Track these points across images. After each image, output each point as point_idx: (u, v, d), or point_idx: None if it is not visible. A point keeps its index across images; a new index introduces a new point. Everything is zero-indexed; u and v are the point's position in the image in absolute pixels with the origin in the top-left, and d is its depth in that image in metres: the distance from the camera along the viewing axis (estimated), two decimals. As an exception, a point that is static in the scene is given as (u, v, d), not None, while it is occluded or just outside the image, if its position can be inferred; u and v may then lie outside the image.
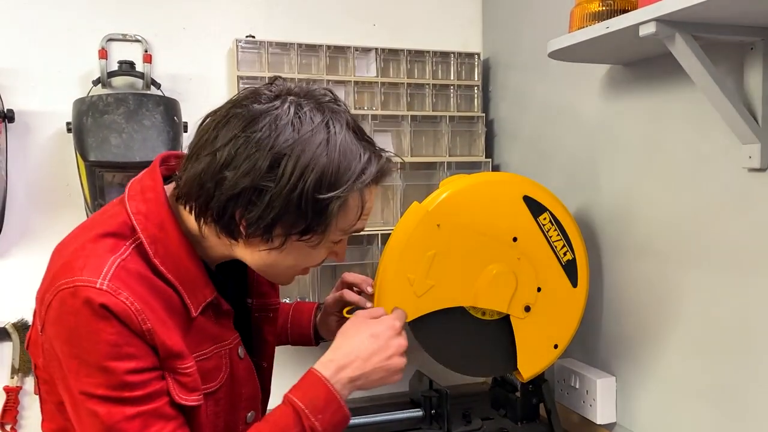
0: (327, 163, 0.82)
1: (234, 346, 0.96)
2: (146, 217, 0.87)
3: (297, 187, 0.81)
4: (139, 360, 0.81)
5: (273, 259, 0.89)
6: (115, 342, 0.79)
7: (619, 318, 1.38)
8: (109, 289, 0.79)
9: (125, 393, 0.80)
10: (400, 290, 1.18)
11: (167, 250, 0.86)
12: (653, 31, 0.96)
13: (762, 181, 1.05)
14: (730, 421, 1.12)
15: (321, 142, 0.83)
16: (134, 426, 0.81)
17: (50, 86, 1.54)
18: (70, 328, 0.79)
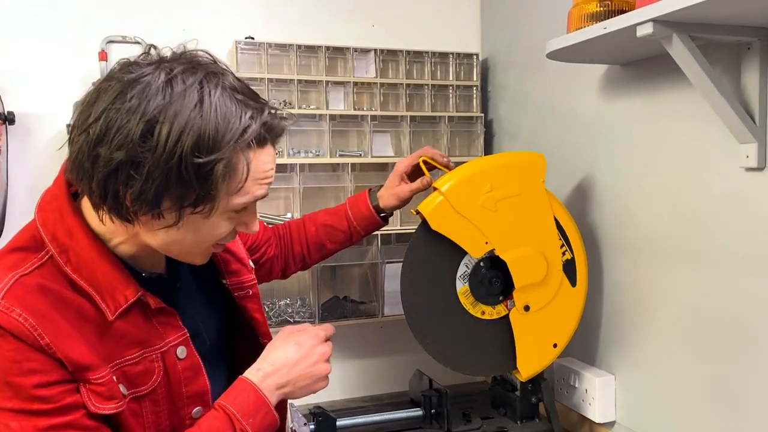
0: (202, 124, 0.77)
1: (169, 348, 0.93)
2: (54, 227, 0.85)
3: (174, 154, 0.76)
4: (43, 374, 0.80)
5: (174, 237, 0.85)
6: (14, 358, 0.78)
7: (618, 317, 1.39)
8: (1, 307, 0.78)
9: (35, 405, 0.79)
10: (471, 191, 1.25)
11: (79, 257, 0.84)
12: (650, 31, 0.97)
13: (759, 180, 1.05)
14: (729, 419, 1.13)
15: (195, 104, 0.78)
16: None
17: (50, 88, 1.54)
18: None
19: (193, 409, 0.97)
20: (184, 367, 0.94)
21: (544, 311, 1.32)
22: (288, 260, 1.37)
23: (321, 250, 1.37)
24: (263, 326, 1.10)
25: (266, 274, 1.34)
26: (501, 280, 1.32)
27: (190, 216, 0.82)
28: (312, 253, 1.37)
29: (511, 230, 1.28)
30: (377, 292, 1.68)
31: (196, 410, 0.97)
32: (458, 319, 1.32)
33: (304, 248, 1.37)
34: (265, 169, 0.86)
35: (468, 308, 1.33)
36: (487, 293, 1.32)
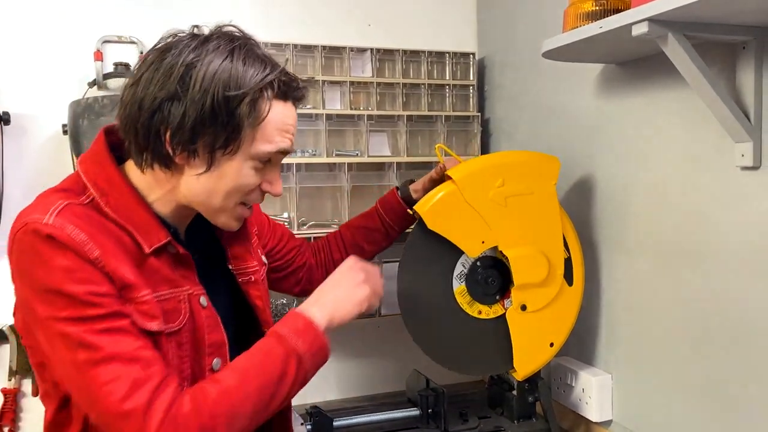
0: (231, 68, 0.91)
1: (194, 293, 0.98)
2: (95, 176, 0.93)
3: (207, 92, 0.88)
4: (95, 285, 0.85)
5: (205, 185, 0.94)
6: (67, 267, 0.84)
7: (615, 316, 1.39)
8: (54, 223, 0.85)
9: (89, 311, 0.84)
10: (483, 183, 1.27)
11: (118, 201, 0.92)
12: (646, 30, 0.97)
13: (754, 179, 1.05)
14: (726, 419, 1.13)
15: (226, 56, 0.91)
16: (104, 340, 0.85)
17: (46, 88, 1.54)
18: (28, 262, 0.86)
19: (213, 359, 1.00)
20: (206, 315, 0.99)
21: (540, 310, 1.32)
22: (328, 268, 1.38)
23: (360, 254, 1.35)
24: (263, 314, 1.13)
25: (304, 283, 1.37)
26: (498, 279, 1.32)
27: (221, 159, 0.92)
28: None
29: (516, 228, 1.28)
30: (374, 292, 1.68)
31: (215, 361, 1.00)
32: (455, 319, 1.32)
33: (343, 254, 1.38)
34: (287, 122, 0.96)
35: (465, 307, 1.33)
36: (484, 292, 1.32)
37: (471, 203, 1.26)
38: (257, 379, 0.91)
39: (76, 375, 0.85)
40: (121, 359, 0.85)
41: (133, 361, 0.85)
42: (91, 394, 0.85)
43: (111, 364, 0.84)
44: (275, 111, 0.94)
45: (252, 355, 0.94)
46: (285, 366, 0.93)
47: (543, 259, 1.29)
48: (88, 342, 0.84)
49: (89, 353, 0.84)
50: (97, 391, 0.84)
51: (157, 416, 0.83)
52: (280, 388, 0.93)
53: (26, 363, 1.52)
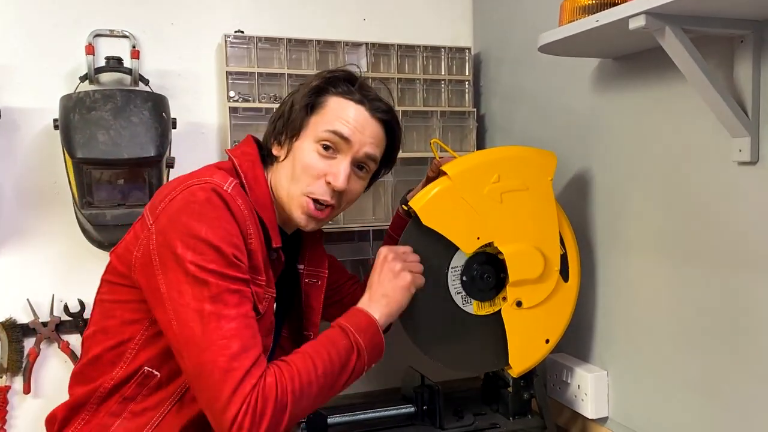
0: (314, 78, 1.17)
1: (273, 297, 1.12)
2: (246, 170, 1.11)
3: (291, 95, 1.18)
4: (241, 253, 1.00)
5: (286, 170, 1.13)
6: (228, 230, 0.99)
7: (611, 312, 1.38)
8: (232, 193, 1.02)
9: (231, 271, 0.98)
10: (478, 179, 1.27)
11: (258, 198, 1.09)
12: (643, 24, 0.96)
13: (752, 175, 1.05)
14: (722, 415, 1.12)
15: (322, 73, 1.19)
16: (234, 299, 0.97)
17: (37, 83, 1.52)
18: (196, 212, 0.99)
19: None
20: (271, 321, 1.13)
21: (536, 307, 1.31)
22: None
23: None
24: (316, 316, 1.26)
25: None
26: (493, 275, 1.31)
27: (294, 145, 1.13)
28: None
29: (512, 224, 1.27)
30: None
31: None
32: (450, 315, 1.31)
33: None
34: (348, 114, 1.14)
35: (460, 304, 1.32)
36: (479, 289, 1.32)
37: (466, 199, 1.25)
38: (324, 366, 1.01)
39: (197, 322, 0.94)
40: (242, 322, 0.96)
41: (249, 327, 0.97)
42: (205, 341, 0.94)
43: (232, 322, 0.95)
44: (336, 102, 1.14)
45: (321, 344, 1.04)
46: (348, 357, 1.04)
47: (539, 255, 1.29)
48: (221, 297, 0.96)
49: (218, 307, 0.95)
50: (214, 342, 0.93)
51: (251, 381, 0.93)
52: (340, 377, 1.04)
53: (18, 361, 1.51)
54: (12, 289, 1.52)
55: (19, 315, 1.52)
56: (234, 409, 0.92)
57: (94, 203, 1.41)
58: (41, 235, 1.54)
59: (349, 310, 1.12)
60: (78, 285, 1.54)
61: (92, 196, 1.41)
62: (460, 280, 1.31)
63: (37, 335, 1.52)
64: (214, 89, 1.66)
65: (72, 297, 1.55)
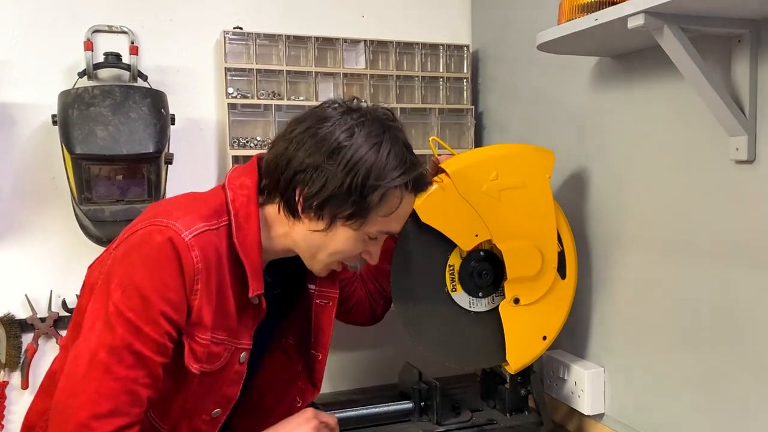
0: (377, 159, 0.99)
1: (240, 348, 1.06)
2: (240, 206, 1.03)
3: (350, 173, 0.98)
4: (174, 310, 0.93)
5: (320, 240, 1.04)
6: (167, 283, 0.93)
7: (608, 309, 1.39)
8: (189, 243, 0.94)
9: (148, 328, 0.92)
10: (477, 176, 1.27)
11: (245, 240, 1.02)
12: (642, 23, 0.96)
13: (749, 173, 1.05)
14: (718, 411, 1.13)
15: (375, 144, 1.00)
16: (130, 360, 0.91)
17: (35, 78, 1.52)
18: (144, 254, 0.94)
19: (216, 409, 1.07)
20: (236, 371, 1.07)
21: (533, 304, 1.31)
22: (370, 299, 1.42)
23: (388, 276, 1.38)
24: (325, 338, 1.22)
25: (354, 315, 1.42)
26: (491, 272, 1.32)
27: (340, 227, 1.03)
28: (383, 284, 1.40)
29: (510, 221, 1.28)
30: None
31: (215, 411, 1.07)
32: (448, 312, 1.32)
33: (375, 283, 1.42)
34: (406, 212, 1.08)
35: (458, 300, 1.32)
36: (477, 286, 1.32)
37: (464, 196, 1.25)
38: None
39: (86, 363, 0.90)
40: (126, 386, 0.90)
41: (130, 393, 0.91)
42: (80, 386, 0.89)
43: (114, 383, 0.90)
44: (400, 203, 1.04)
45: None
46: None
47: (536, 252, 1.29)
48: (119, 351, 0.90)
49: (111, 360, 0.90)
50: (86, 392, 0.89)
51: None
52: None
53: (16, 356, 1.51)
54: (10, 284, 1.52)
55: (17, 310, 1.52)
56: None
57: (93, 199, 1.41)
58: (40, 231, 1.54)
59: None
60: (76, 281, 1.51)
61: (91, 192, 1.41)
62: (458, 277, 1.31)
63: (35, 331, 1.52)
64: (212, 85, 1.66)
65: (70, 293, 1.54)
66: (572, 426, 1.47)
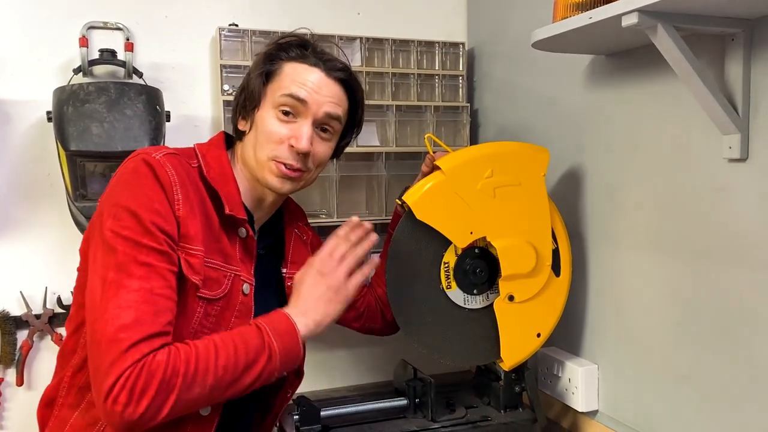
0: (267, 47, 1.16)
1: (241, 277, 1.08)
2: (207, 152, 1.12)
3: (251, 68, 1.15)
4: (163, 219, 0.97)
5: (251, 141, 1.12)
6: (149, 196, 0.97)
7: (602, 307, 1.40)
8: (160, 159, 1.00)
9: (146, 239, 0.95)
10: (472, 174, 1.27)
11: (218, 173, 1.09)
12: (635, 21, 0.97)
13: (742, 172, 1.06)
14: (711, 407, 1.14)
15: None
16: (141, 271, 0.94)
17: (30, 74, 1.52)
18: (123, 180, 0.99)
19: None
20: (241, 302, 1.08)
21: (528, 301, 1.32)
22: (380, 304, 1.43)
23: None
24: None
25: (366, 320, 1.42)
26: (486, 270, 1.32)
27: (256, 116, 1.12)
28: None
29: (505, 218, 1.28)
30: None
31: None
32: (443, 309, 1.32)
33: (383, 286, 1.39)
34: (303, 77, 1.12)
35: (453, 297, 1.33)
36: (472, 283, 1.33)
37: (460, 194, 1.26)
38: (227, 358, 0.96)
39: (99, 289, 0.93)
40: (143, 296, 0.92)
41: (149, 303, 0.93)
42: (101, 309, 0.92)
43: (132, 294, 0.92)
44: (291, 67, 1.12)
45: (231, 336, 0.99)
46: (256, 356, 0.98)
47: (531, 249, 1.30)
48: (126, 267, 0.93)
49: (121, 276, 0.93)
50: (107, 311, 0.91)
51: (135, 355, 0.89)
52: (245, 376, 0.97)
53: (11, 353, 1.51)
54: (5, 281, 1.52)
55: (12, 307, 1.52)
56: (110, 380, 0.87)
57: (88, 196, 1.41)
58: (34, 228, 1.54)
59: (273, 311, 1.06)
60: (71, 277, 1.49)
61: (86, 188, 1.41)
62: (453, 274, 1.32)
63: (30, 328, 1.52)
64: (208, 82, 1.66)
65: (65, 289, 1.55)
66: (566, 423, 1.48)
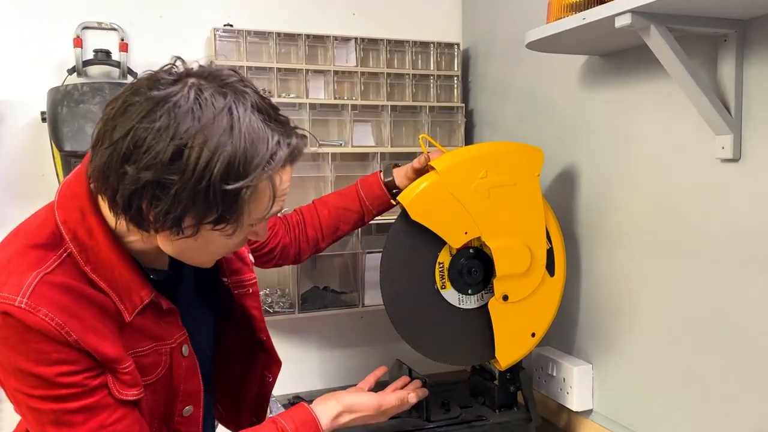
0: (233, 151, 0.77)
1: (177, 344, 0.96)
2: (75, 226, 0.85)
3: (203, 178, 0.77)
4: (70, 365, 0.82)
5: (188, 246, 0.86)
6: (40, 350, 0.80)
7: (596, 306, 1.40)
8: (28, 307, 0.79)
9: (62, 391, 0.82)
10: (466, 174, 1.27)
11: (98, 258, 0.85)
12: (629, 22, 0.97)
13: (734, 172, 1.06)
14: (705, 408, 1.14)
15: (225, 129, 0.77)
16: (79, 417, 0.83)
17: (25, 75, 1.52)
18: (1, 338, 0.81)
19: (185, 407, 1.00)
20: (185, 365, 0.98)
21: (522, 300, 1.32)
22: (302, 245, 1.37)
23: (335, 233, 1.39)
24: (260, 322, 1.14)
25: (277, 259, 1.35)
26: (480, 270, 1.33)
27: (209, 231, 0.83)
28: (326, 236, 1.38)
29: (499, 219, 1.29)
30: (357, 282, 1.68)
31: (186, 408, 1.00)
32: (438, 309, 1.32)
33: (318, 232, 1.37)
34: (285, 188, 0.88)
35: (447, 298, 1.33)
36: (466, 283, 1.33)
37: (454, 194, 1.26)
38: None
39: None
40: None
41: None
42: None
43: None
44: (273, 184, 0.84)
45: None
46: None
47: (525, 249, 1.30)
48: (61, 420, 0.83)
49: (62, 430, 0.83)
50: None
51: None
52: None
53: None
54: (-1, 282, 1.52)
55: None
56: None
57: (83, 196, 1.41)
58: (29, 228, 1.54)
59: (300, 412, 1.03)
60: None
61: (80, 189, 1.40)
62: (448, 274, 1.32)
63: (25, 328, 1.51)
64: (203, 83, 1.66)
65: (60, 290, 1.54)
66: (561, 422, 1.49)
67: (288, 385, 1.50)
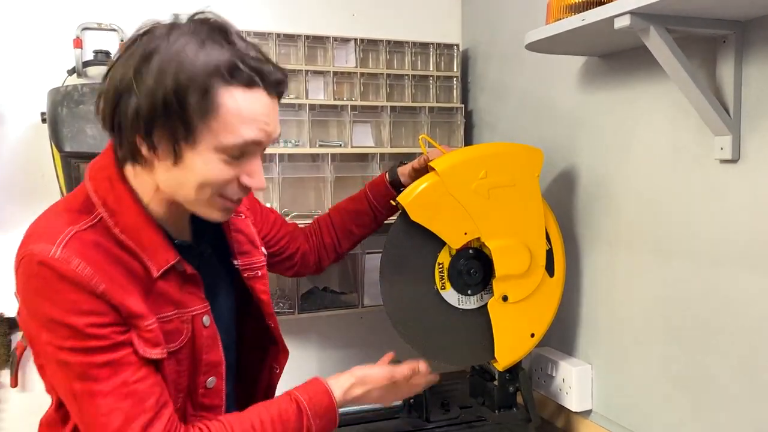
0: (186, 59, 0.85)
1: (199, 313, 1.00)
2: (105, 194, 0.92)
3: (160, 82, 0.84)
4: (99, 316, 0.87)
5: (180, 177, 0.90)
6: (72, 300, 0.85)
7: (595, 307, 1.40)
8: (61, 257, 0.85)
9: (91, 342, 0.86)
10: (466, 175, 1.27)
11: (126, 222, 0.92)
12: (628, 23, 0.97)
13: (733, 173, 1.07)
14: (703, 408, 1.14)
15: (187, 43, 0.86)
16: (105, 372, 0.87)
17: (25, 76, 1.52)
18: (33, 290, 0.87)
19: (208, 378, 1.02)
20: (207, 335, 1.01)
21: (522, 301, 1.32)
22: (320, 252, 1.41)
23: (350, 237, 1.42)
24: (268, 307, 1.17)
25: (299, 267, 1.39)
26: (480, 270, 1.33)
27: (185, 151, 0.88)
28: (342, 241, 1.41)
29: (499, 219, 1.29)
30: (357, 283, 1.68)
31: (210, 380, 1.02)
32: (437, 310, 1.32)
33: (333, 238, 1.41)
34: (254, 111, 0.89)
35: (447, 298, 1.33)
36: (466, 283, 1.33)
37: (454, 194, 1.26)
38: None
39: (74, 402, 0.88)
40: (119, 393, 0.87)
41: (129, 395, 0.88)
42: (86, 421, 0.88)
43: (108, 398, 0.87)
44: (235, 100, 0.87)
45: (270, 417, 0.98)
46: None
47: (525, 250, 1.30)
48: (87, 374, 0.86)
49: (88, 385, 0.87)
50: (94, 421, 0.87)
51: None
52: None
53: (5, 354, 1.51)
54: (-1, 282, 1.52)
55: (6, 309, 1.52)
56: None
57: (82, 197, 1.41)
58: (28, 229, 1.54)
59: (313, 384, 1.05)
60: None
61: (80, 189, 1.41)
62: (447, 275, 1.32)
63: (25, 329, 1.52)
64: (202, 83, 1.66)
65: (59, 291, 1.54)
66: (560, 422, 1.49)
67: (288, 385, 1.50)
